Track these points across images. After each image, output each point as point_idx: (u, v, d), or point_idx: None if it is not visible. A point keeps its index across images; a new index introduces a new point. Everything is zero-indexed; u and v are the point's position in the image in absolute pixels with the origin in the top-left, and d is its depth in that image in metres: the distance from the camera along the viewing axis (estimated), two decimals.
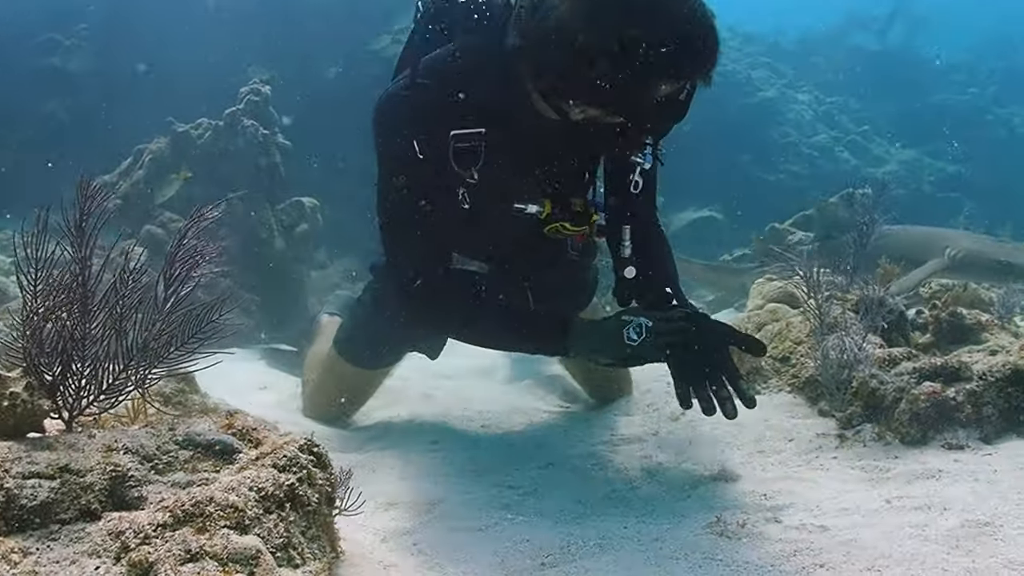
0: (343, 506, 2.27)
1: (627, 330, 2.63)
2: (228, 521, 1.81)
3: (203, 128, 6.83)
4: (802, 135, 13.59)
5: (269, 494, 1.92)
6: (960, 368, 3.06)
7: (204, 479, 1.95)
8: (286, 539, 1.89)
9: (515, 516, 2.68)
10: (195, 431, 2.07)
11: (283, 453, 2.01)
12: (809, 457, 3.09)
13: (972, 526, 2.23)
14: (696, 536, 2.35)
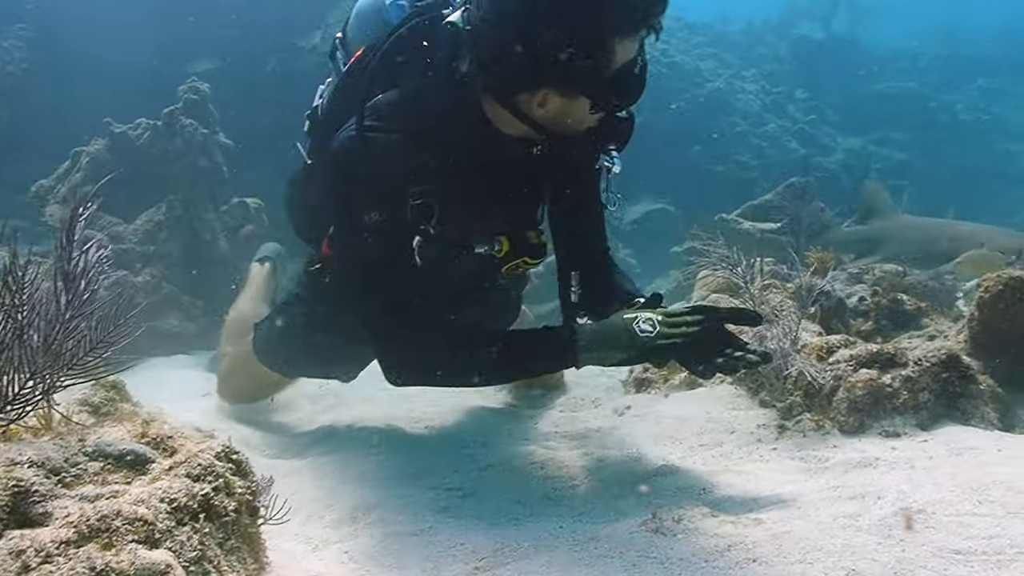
0: (268, 515, 2.20)
1: (637, 324, 2.54)
2: (136, 535, 1.73)
3: (142, 128, 6.68)
4: (751, 125, 13.67)
5: (182, 505, 1.84)
6: (896, 355, 3.06)
7: (114, 491, 1.87)
8: (200, 552, 1.82)
9: (451, 519, 2.63)
10: (106, 441, 1.99)
11: (197, 462, 1.94)
12: (750, 449, 3.07)
13: (904, 514, 2.21)
14: (632, 534, 2.31)
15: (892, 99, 16.01)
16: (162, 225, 6.25)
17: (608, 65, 2.38)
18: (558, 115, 2.50)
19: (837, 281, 5.30)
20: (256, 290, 4.87)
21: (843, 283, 5.32)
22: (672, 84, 13.07)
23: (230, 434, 3.66)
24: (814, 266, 4.00)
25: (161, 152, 6.54)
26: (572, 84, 2.42)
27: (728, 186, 11.48)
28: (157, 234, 6.23)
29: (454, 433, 3.68)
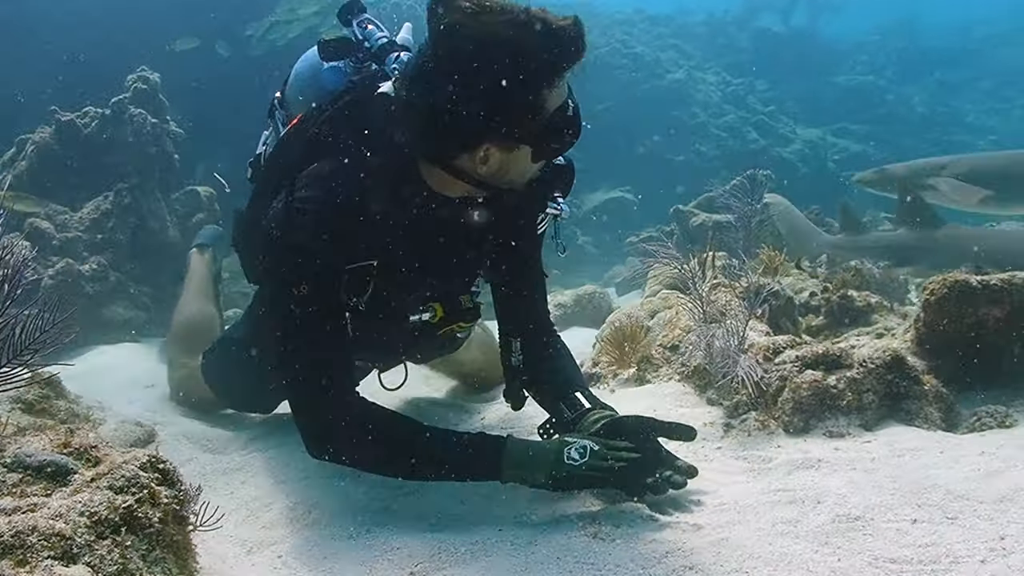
0: (198, 521, 2.15)
1: (568, 450, 2.45)
2: (53, 551, 1.68)
3: (89, 117, 6.53)
4: (710, 116, 13.72)
5: (103, 518, 1.79)
6: (841, 355, 3.07)
7: (32, 504, 1.81)
8: (121, 565, 1.76)
9: (390, 520, 2.60)
10: (26, 452, 1.93)
11: (121, 473, 1.88)
12: (695, 447, 3.05)
13: (843, 520, 2.21)
14: (570, 539, 2.29)
15: (851, 91, 16.15)
16: (110, 214, 6.12)
17: (542, 113, 2.36)
18: (500, 169, 2.45)
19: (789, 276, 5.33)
20: (196, 285, 4.82)
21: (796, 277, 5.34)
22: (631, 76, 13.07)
23: (172, 428, 3.63)
24: (763, 266, 4.00)
25: (109, 141, 6.40)
26: (510, 137, 2.38)
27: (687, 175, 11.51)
28: (104, 222, 6.11)
29: None
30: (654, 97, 13.24)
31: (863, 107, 15.44)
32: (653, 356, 3.74)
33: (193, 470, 3.17)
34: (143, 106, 6.51)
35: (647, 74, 13.45)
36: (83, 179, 6.34)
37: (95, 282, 5.87)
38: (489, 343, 4.08)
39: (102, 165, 6.38)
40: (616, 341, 3.96)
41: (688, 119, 13.39)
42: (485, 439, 2.57)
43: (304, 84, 3.07)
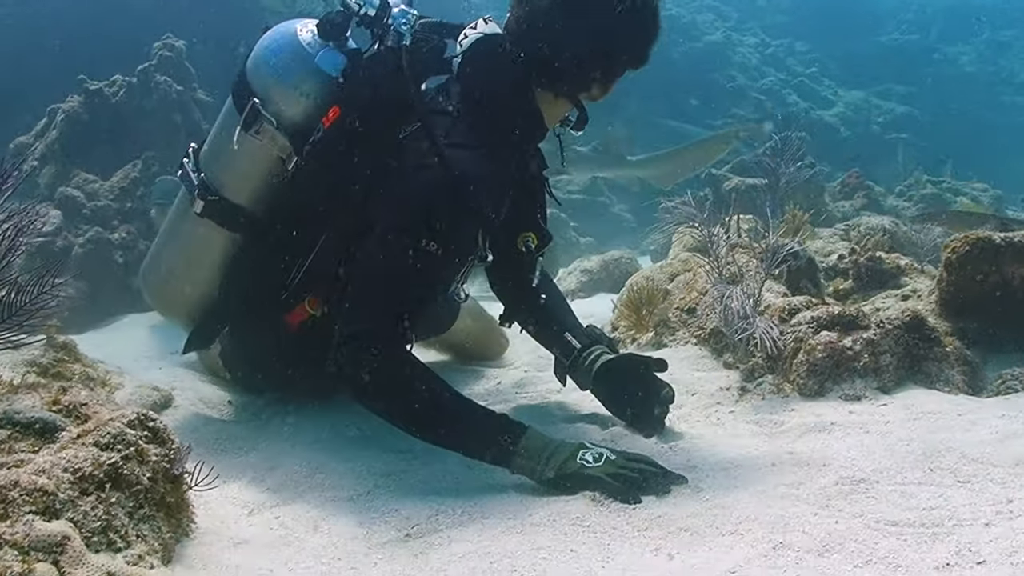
0: (193, 481, 2.15)
1: (584, 452, 2.42)
2: (35, 506, 1.68)
3: (117, 85, 6.57)
4: (749, 79, 13.46)
5: (87, 474, 1.79)
6: (858, 316, 2.99)
7: (19, 460, 1.82)
8: (105, 522, 1.76)
9: (393, 484, 2.59)
10: (15, 409, 1.93)
11: (107, 430, 1.88)
12: (708, 412, 3.02)
13: (847, 483, 2.16)
14: (568, 503, 2.26)
15: (896, 51, 15.73)
16: (138, 181, 6.16)
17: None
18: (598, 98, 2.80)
19: (820, 239, 5.22)
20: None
21: (826, 240, 5.23)
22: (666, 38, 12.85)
23: (190, 393, 3.64)
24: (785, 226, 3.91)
25: (136, 109, 6.44)
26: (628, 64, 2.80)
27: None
28: (133, 191, 6.15)
29: None
30: (690, 60, 13.01)
31: (908, 67, 15.03)
32: (670, 319, 3.68)
33: (207, 434, 3.18)
34: (168, 73, 6.53)
35: (682, 36, 13.21)
36: (112, 147, 6.38)
37: (124, 250, 5.92)
38: (479, 311, 4.07)
39: (130, 133, 6.42)
40: (633, 305, 3.90)
41: (725, 82, 13.16)
42: (510, 424, 2.57)
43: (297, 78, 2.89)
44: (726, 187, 7.45)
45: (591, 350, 3.07)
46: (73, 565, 1.61)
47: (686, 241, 4.50)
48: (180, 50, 6.70)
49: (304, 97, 2.89)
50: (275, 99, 2.90)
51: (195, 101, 6.69)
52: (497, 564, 1.95)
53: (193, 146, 3.21)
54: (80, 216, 6.03)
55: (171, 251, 3.27)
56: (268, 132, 2.89)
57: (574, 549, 1.99)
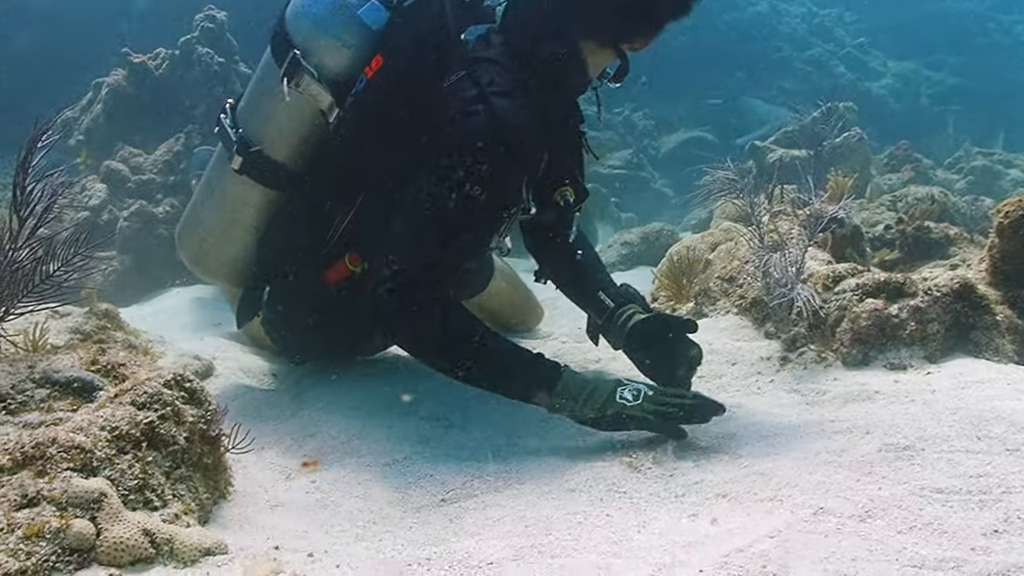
0: (230, 444, 2.16)
1: (622, 389, 2.46)
2: (72, 463, 1.70)
3: (160, 58, 6.62)
4: (795, 49, 13.22)
5: (124, 433, 1.80)
6: (905, 284, 2.91)
7: (57, 419, 1.84)
8: (142, 480, 1.78)
9: (430, 450, 2.59)
10: (54, 368, 1.96)
11: (144, 389, 1.89)
12: (748, 381, 2.97)
13: (891, 450, 2.10)
14: (605, 467, 2.24)
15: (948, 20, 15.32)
16: (181, 155, 6.21)
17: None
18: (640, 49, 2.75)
19: (866, 209, 5.12)
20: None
21: (872, 211, 5.13)
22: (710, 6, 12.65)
23: (231, 363, 3.67)
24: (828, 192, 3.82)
25: (179, 81, 6.48)
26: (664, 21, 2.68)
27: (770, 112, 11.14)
28: (176, 164, 6.19)
29: None
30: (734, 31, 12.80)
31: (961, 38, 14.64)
32: (711, 289, 3.62)
33: (247, 401, 3.21)
34: (211, 45, 6.56)
35: (727, 5, 12.99)
36: (156, 120, 6.43)
37: (168, 224, 5.96)
38: (514, 276, 4.05)
39: (173, 106, 6.46)
40: (673, 274, 3.86)
41: (771, 53, 12.93)
42: (547, 362, 2.61)
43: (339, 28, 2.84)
44: (770, 159, 7.33)
45: (624, 309, 3.03)
46: (110, 522, 1.62)
47: (728, 211, 4.43)
48: (222, 22, 6.72)
49: (346, 48, 2.84)
50: (316, 51, 2.85)
51: (237, 73, 6.71)
52: (532, 528, 1.94)
53: (230, 102, 3.19)
54: (124, 190, 6.10)
55: (208, 210, 3.24)
56: (309, 84, 2.84)
57: (610, 514, 1.97)
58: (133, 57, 6.55)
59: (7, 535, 1.54)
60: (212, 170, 3.24)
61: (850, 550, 1.64)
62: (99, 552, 1.58)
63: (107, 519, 1.63)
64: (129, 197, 6.06)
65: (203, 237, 3.25)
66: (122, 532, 1.61)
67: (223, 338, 4.29)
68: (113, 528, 1.61)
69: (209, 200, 3.23)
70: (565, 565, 1.71)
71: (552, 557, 1.76)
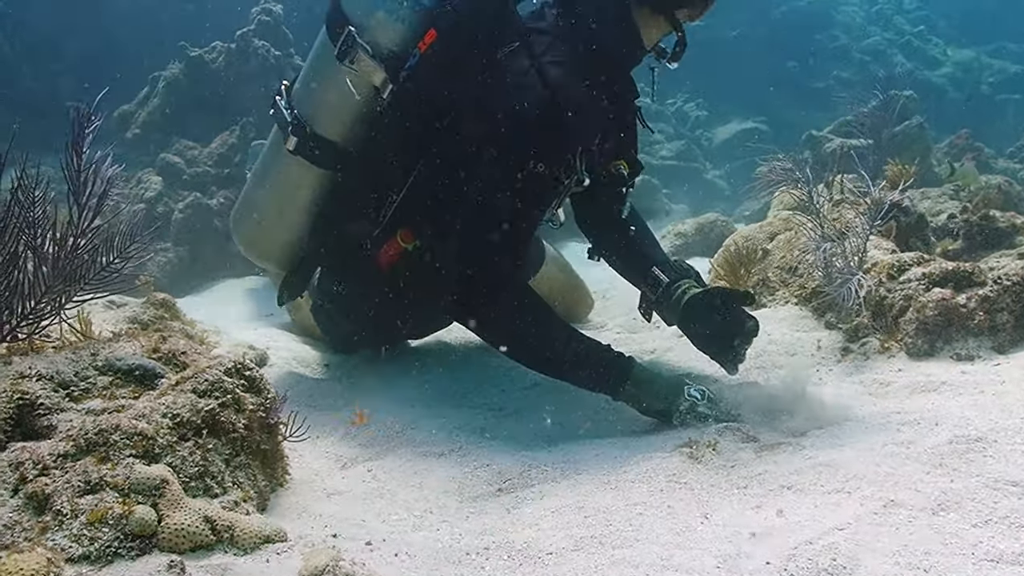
0: (288, 432, 2.16)
1: (689, 388, 2.50)
2: (135, 450, 1.70)
3: (217, 52, 6.69)
4: (852, 39, 12.96)
5: (185, 420, 1.81)
6: (973, 273, 2.83)
7: (120, 406, 1.84)
8: (202, 468, 1.78)
9: (485, 440, 2.57)
10: (116, 356, 1.97)
11: (205, 377, 1.90)
12: (808, 372, 2.90)
13: (962, 442, 2.03)
14: (665, 458, 2.20)
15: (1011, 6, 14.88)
16: (236, 148, 6.26)
17: None
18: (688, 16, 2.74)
19: (928, 199, 5.00)
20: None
21: (934, 200, 5.01)
22: None
23: (285, 353, 3.69)
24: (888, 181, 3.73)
25: (235, 75, 6.54)
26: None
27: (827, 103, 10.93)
28: (231, 157, 6.25)
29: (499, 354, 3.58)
30: (790, 21, 12.59)
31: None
32: (770, 279, 3.56)
33: (301, 390, 3.22)
34: (267, 39, 6.60)
35: None
36: (211, 113, 6.50)
37: (222, 216, 6.02)
38: (565, 264, 4.02)
39: (229, 99, 6.52)
40: (730, 264, 3.79)
41: (828, 42, 12.69)
42: (616, 353, 2.65)
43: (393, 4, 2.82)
44: (827, 149, 7.19)
45: (679, 284, 2.98)
46: (171, 508, 1.63)
47: (786, 200, 4.34)
48: (278, 15, 6.76)
49: (400, 23, 2.83)
50: (370, 26, 2.83)
51: (292, 66, 6.74)
52: (591, 519, 1.91)
53: (285, 83, 3.18)
54: (180, 182, 6.17)
55: (262, 193, 3.23)
56: (363, 61, 2.82)
57: (671, 505, 1.94)
58: (190, 51, 6.61)
59: (71, 520, 1.55)
60: (267, 153, 3.24)
61: (923, 543, 1.59)
62: (160, 538, 1.59)
63: (168, 506, 1.63)
64: (184, 189, 6.13)
65: (258, 220, 3.24)
66: (183, 519, 1.62)
67: (275, 328, 4.33)
68: (174, 515, 1.62)
69: (264, 182, 3.23)
70: (627, 556, 1.68)
71: (614, 548, 1.73)
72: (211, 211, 5.98)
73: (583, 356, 2.62)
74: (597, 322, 4.08)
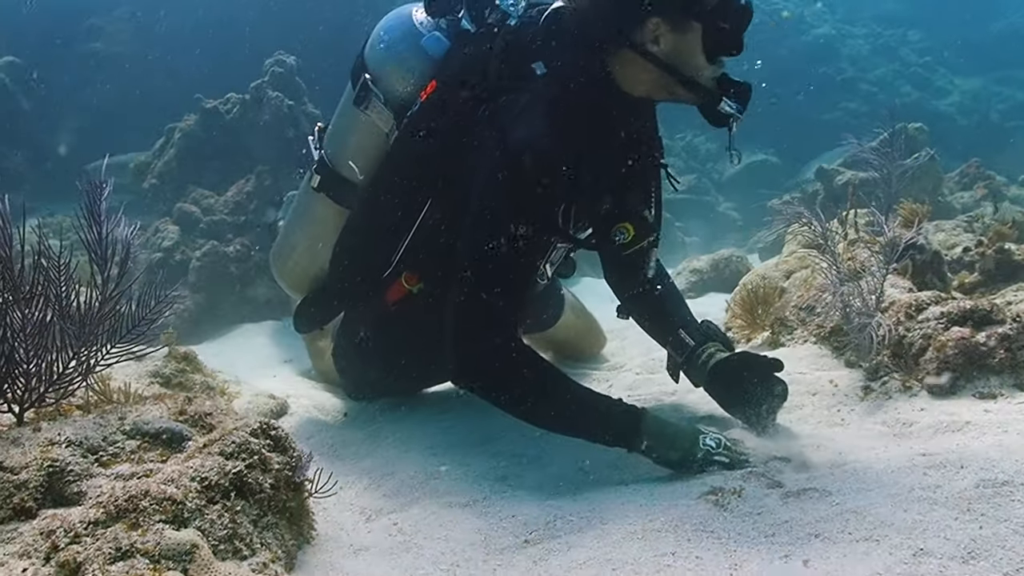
0: (313, 488, 2.17)
1: (704, 437, 2.50)
2: (164, 515, 1.72)
3: (231, 103, 6.79)
4: (859, 70, 13.03)
5: (213, 483, 1.82)
6: (992, 310, 2.83)
7: (148, 470, 1.86)
8: (231, 530, 1.79)
9: (509, 489, 2.57)
10: (144, 419, 1.99)
11: (231, 439, 1.91)
12: (830, 412, 2.90)
13: (989, 486, 2.03)
14: (691, 506, 2.20)
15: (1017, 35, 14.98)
16: (252, 195, 6.33)
17: None
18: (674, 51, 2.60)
19: (942, 231, 5.00)
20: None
21: (948, 233, 5.01)
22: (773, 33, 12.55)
23: (305, 400, 3.71)
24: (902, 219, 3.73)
25: (249, 125, 6.63)
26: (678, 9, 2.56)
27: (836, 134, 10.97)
28: (247, 204, 6.32)
29: None
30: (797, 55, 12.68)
31: None
32: (787, 318, 3.56)
33: (322, 440, 3.24)
34: (280, 89, 6.70)
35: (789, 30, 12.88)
36: (227, 162, 6.59)
37: (239, 263, 6.08)
38: (581, 307, 4.08)
39: (243, 148, 6.62)
40: (748, 304, 3.80)
41: (835, 75, 12.77)
42: (625, 406, 2.63)
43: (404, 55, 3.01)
44: (838, 181, 7.22)
45: (705, 347, 3.03)
46: (202, 573, 1.64)
47: (800, 239, 4.36)
48: (291, 66, 6.87)
49: (409, 73, 3.01)
50: (384, 76, 3.04)
51: (306, 115, 6.83)
52: (620, 571, 1.90)
53: (320, 125, 3.39)
54: (197, 230, 6.24)
55: (295, 229, 3.44)
56: (376, 107, 3.04)
57: (699, 556, 1.93)
58: (205, 103, 6.71)
59: None
60: (301, 190, 3.45)
61: None
62: None
63: (199, 570, 1.64)
64: (201, 237, 6.20)
65: (290, 256, 3.46)
66: None
67: (295, 375, 4.35)
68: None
69: (296, 220, 3.45)
70: None
71: None
72: (228, 258, 6.03)
73: (591, 415, 2.62)
74: (616, 362, 4.09)
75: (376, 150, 3.12)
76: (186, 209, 6.33)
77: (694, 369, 3.05)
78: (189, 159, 6.76)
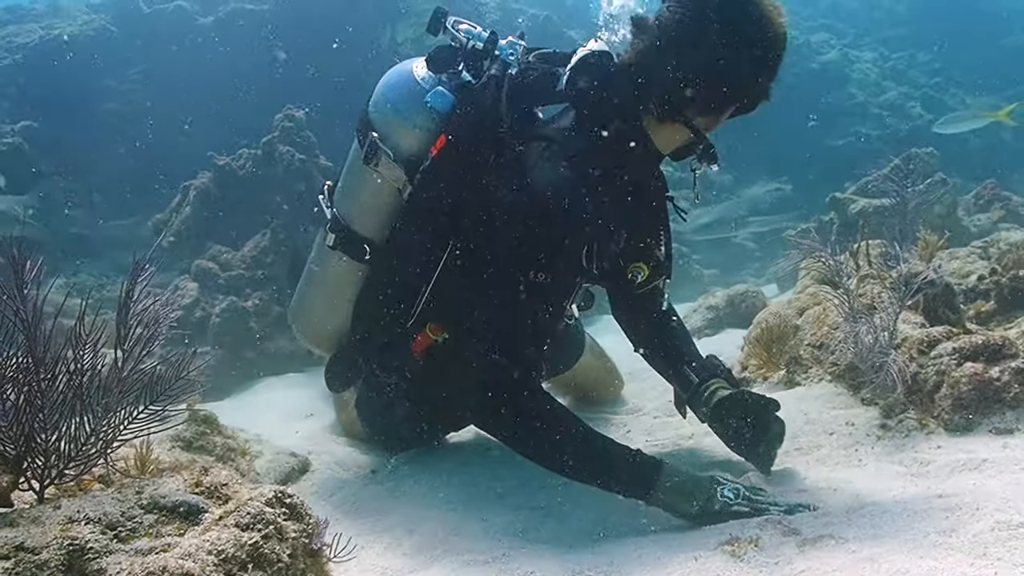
0: (331, 553, 2.19)
1: (722, 488, 2.51)
2: None
3: (244, 159, 6.88)
4: (869, 95, 13.04)
5: (230, 556, 1.84)
6: (1004, 344, 2.82)
7: (166, 544, 1.88)
8: None
9: (528, 544, 2.57)
10: (161, 493, 2.01)
11: (247, 510, 1.93)
12: (848, 452, 2.90)
13: (1004, 528, 2.02)
14: (708, 558, 2.19)
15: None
16: (268, 250, 6.40)
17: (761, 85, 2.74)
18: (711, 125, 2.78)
19: (956, 259, 4.98)
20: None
21: (963, 260, 4.99)
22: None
23: (326, 457, 3.72)
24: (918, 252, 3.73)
25: (262, 180, 6.72)
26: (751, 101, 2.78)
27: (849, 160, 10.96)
28: (264, 259, 6.39)
29: None
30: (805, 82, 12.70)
31: None
32: (802, 356, 3.56)
33: (343, 497, 3.25)
34: (290, 143, 6.79)
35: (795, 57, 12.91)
36: (242, 218, 6.67)
37: (259, 317, 6.14)
38: (600, 350, 4.11)
39: (258, 203, 6.70)
40: (763, 342, 3.81)
41: (844, 100, 12.79)
42: (644, 457, 2.65)
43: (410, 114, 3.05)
44: (852, 210, 7.22)
45: (708, 384, 3.07)
46: None
47: (813, 274, 4.36)
48: (300, 120, 6.96)
49: (416, 130, 3.06)
50: (391, 134, 3.08)
51: (318, 167, 6.91)
52: None
53: (329, 184, 3.43)
54: (216, 287, 6.30)
55: (312, 287, 3.49)
56: (386, 164, 3.06)
57: None
58: (217, 159, 6.81)
59: None
60: (315, 248, 3.49)
61: None
62: None
63: None
64: (220, 293, 6.25)
65: (309, 313, 3.53)
66: None
67: (317, 428, 4.37)
68: None
69: (313, 277, 3.49)
70: None
71: None
72: (247, 313, 6.09)
73: (610, 465, 2.65)
74: (633, 405, 4.09)
75: (390, 206, 3.17)
76: (204, 266, 6.40)
77: (697, 406, 3.10)
78: (205, 216, 6.84)
